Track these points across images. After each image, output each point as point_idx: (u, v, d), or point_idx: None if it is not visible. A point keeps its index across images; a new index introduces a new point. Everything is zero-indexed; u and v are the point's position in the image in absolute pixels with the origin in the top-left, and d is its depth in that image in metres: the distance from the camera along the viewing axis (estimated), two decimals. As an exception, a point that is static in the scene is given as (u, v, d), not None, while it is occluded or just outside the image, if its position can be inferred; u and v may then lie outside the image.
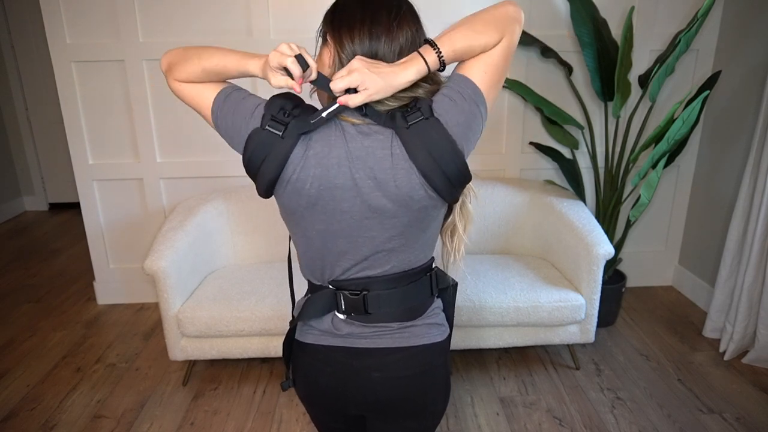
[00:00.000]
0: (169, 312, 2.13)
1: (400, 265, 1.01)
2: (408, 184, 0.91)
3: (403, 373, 1.03)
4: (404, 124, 0.89)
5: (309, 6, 2.56)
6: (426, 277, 1.05)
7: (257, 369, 2.40)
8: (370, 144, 0.91)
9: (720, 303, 2.48)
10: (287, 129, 0.90)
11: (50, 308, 2.99)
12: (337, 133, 0.92)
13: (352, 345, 1.03)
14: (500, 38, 0.93)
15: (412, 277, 1.02)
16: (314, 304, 1.03)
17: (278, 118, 0.91)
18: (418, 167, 0.90)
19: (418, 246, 1.01)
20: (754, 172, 2.27)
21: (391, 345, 1.03)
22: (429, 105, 0.91)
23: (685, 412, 2.07)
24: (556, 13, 2.62)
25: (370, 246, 0.97)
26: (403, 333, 1.03)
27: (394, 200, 0.93)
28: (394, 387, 1.04)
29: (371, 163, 0.91)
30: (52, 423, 2.09)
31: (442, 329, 1.08)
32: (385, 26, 0.92)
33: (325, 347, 1.05)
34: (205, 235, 2.43)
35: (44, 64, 4.37)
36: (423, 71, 0.91)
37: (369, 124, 0.92)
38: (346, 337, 1.03)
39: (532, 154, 2.83)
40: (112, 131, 2.74)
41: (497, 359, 2.43)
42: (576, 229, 2.25)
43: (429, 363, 1.05)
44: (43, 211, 4.75)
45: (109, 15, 2.55)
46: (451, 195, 0.95)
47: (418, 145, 0.89)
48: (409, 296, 1.03)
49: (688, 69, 2.73)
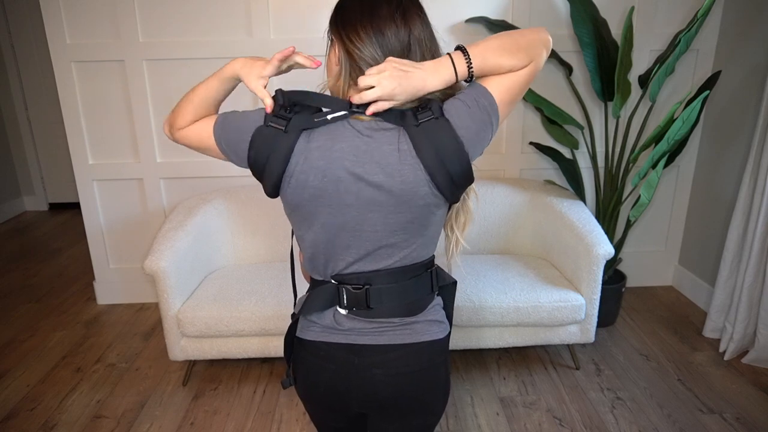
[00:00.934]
0: (169, 312, 2.13)
1: (403, 261, 1.01)
2: (414, 179, 0.92)
3: (404, 370, 1.03)
4: (414, 121, 0.91)
5: (309, 6, 2.57)
6: (426, 274, 1.05)
7: (257, 369, 2.40)
8: (378, 138, 0.93)
9: (720, 303, 2.48)
10: (290, 123, 0.93)
11: (50, 308, 2.99)
12: (343, 126, 0.94)
13: (354, 342, 1.03)
14: (529, 63, 0.94)
15: (413, 273, 1.03)
16: (316, 298, 1.04)
17: (280, 114, 0.94)
18: (424, 164, 0.91)
19: (420, 243, 1.01)
20: (754, 171, 2.27)
21: (393, 341, 1.03)
22: (440, 106, 0.92)
23: (685, 412, 2.07)
24: (556, 13, 2.63)
25: (374, 240, 0.98)
26: (404, 329, 1.03)
27: (398, 195, 0.93)
28: (395, 384, 1.04)
29: (378, 157, 0.92)
30: (52, 423, 2.09)
31: (442, 327, 1.08)
32: (388, 19, 0.92)
33: (327, 344, 1.05)
34: (205, 235, 2.43)
35: (44, 64, 4.38)
36: (451, 80, 0.92)
37: (378, 121, 0.93)
38: (347, 333, 1.03)
39: (532, 154, 2.83)
40: (112, 131, 2.74)
41: (497, 359, 2.43)
42: (576, 229, 2.25)
43: (430, 360, 1.05)
44: (43, 211, 4.75)
45: (109, 15, 2.56)
46: (453, 195, 0.97)
47: (425, 143, 0.90)
48: (410, 292, 1.03)
49: (688, 69, 2.73)
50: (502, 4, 2.60)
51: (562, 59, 2.52)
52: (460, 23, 2.62)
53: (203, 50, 2.60)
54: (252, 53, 2.60)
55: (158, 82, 2.66)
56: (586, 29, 2.39)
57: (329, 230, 0.98)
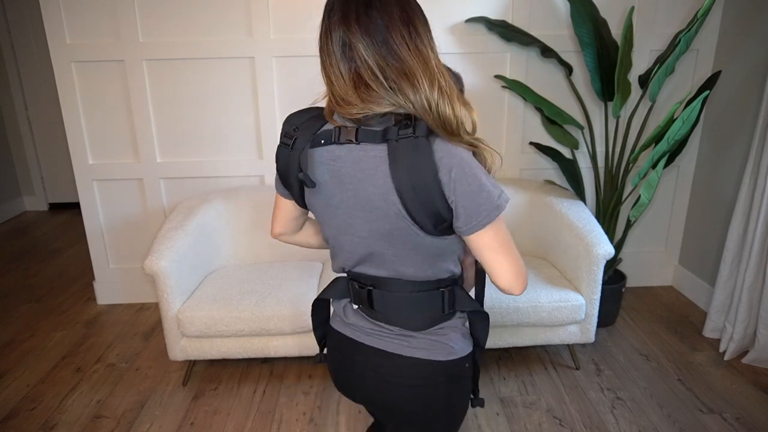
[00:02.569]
0: (169, 312, 2.13)
1: (400, 274, 1.00)
2: (383, 186, 0.91)
3: (394, 381, 1.04)
4: (395, 137, 0.89)
5: (309, 6, 2.56)
6: (437, 292, 1.02)
7: (257, 369, 2.40)
8: (364, 147, 0.93)
9: (720, 303, 2.48)
10: (294, 142, 0.98)
11: (50, 308, 2.99)
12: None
13: (357, 338, 1.07)
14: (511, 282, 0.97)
15: (419, 288, 1.01)
16: (333, 286, 1.11)
17: (289, 134, 0.99)
18: (393, 177, 0.90)
19: (414, 261, 0.99)
20: (754, 172, 2.27)
21: (386, 349, 1.04)
22: (426, 127, 0.89)
23: (685, 412, 2.07)
24: (556, 13, 2.63)
25: (364, 245, 1.00)
26: (401, 341, 1.03)
27: (373, 201, 0.94)
28: (384, 391, 1.06)
29: (363, 165, 0.93)
30: (52, 423, 2.09)
31: (447, 350, 1.03)
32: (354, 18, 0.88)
33: (337, 333, 1.12)
34: (205, 235, 2.43)
35: (44, 64, 4.38)
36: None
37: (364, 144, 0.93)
38: (353, 327, 1.08)
39: (531, 154, 2.83)
40: (112, 131, 2.74)
41: (497, 359, 2.43)
42: (576, 229, 2.25)
43: (426, 378, 1.03)
44: (43, 211, 4.75)
45: (109, 15, 2.56)
46: (425, 225, 0.92)
47: (400, 161, 0.88)
48: (415, 305, 1.02)
49: (688, 69, 2.73)
50: (502, 4, 2.60)
51: (562, 59, 2.52)
52: (460, 23, 2.62)
53: (203, 50, 2.60)
54: (252, 53, 2.61)
55: (158, 82, 2.66)
56: (586, 29, 2.39)
57: (332, 231, 1.04)
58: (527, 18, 2.62)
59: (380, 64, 0.87)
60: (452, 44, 2.64)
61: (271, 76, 2.64)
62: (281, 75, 2.65)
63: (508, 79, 2.58)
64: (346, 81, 0.89)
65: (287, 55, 2.61)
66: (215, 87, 2.68)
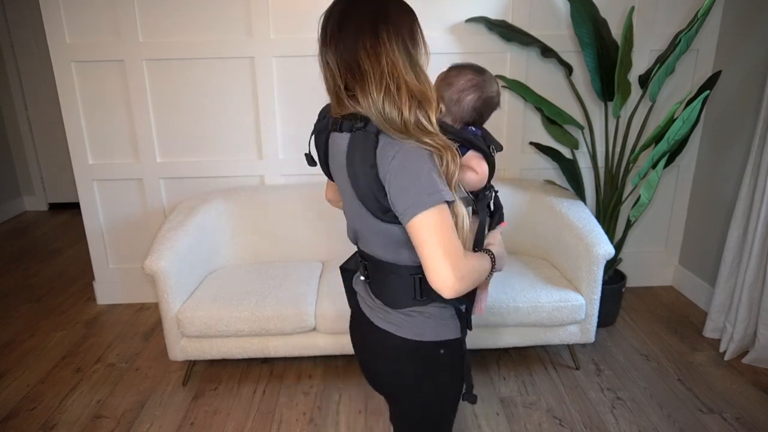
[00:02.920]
0: (169, 312, 2.13)
1: (376, 255, 1.10)
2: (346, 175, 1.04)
3: (374, 350, 1.17)
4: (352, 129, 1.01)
5: (309, 6, 2.56)
6: (409, 278, 1.08)
7: (257, 369, 2.40)
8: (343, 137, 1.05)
9: (720, 303, 2.48)
10: (316, 129, 1.15)
11: (50, 308, 2.99)
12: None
13: (359, 305, 1.21)
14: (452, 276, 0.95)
15: (391, 270, 1.09)
16: (354, 256, 1.25)
17: (316, 123, 1.15)
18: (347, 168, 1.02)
19: (378, 245, 1.08)
20: (754, 172, 2.27)
21: (371, 319, 1.16)
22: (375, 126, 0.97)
23: (685, 412, 2.07)
24: (556, 13, 2.63)
25: (352, 222, 1.14)
26: (380, 314, 1.14)
27: (344, 184, 1.07)
28: (367, 357, 1.22)
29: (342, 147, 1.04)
30: (52, 423, 2.09)
31: (414, 330, 1.10)
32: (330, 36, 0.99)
33: (353, 297, 1.26)
34: (205, 235, 2.43)
35: (44, 64, 4.37)
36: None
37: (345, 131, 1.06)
38: (359, 294, 1.22)
39: (532, 154, 2.83)
40: (112, 131, 2.74)
41: (497, 359, 2.43)
42: (576, 229, 2.25)
43: (394, 349, 1.12)
44: (43, 211, 4.75)
45: (109, 15, 2.55)
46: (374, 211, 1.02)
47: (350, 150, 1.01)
48: (390, 285, 1.11)
49: (688, 69, 2.73)
50: (502, 4, 2.60)
51: (562, 59, 2.52)
52: (460, 23, 2.62)
53: (203, 50, 2.60)
54: (252, 53, 2.61)
55: (158, 82, 2.66)
56: (586, 29, 2.39)
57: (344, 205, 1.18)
58: (527, 18, 2.61)
59: (345, 76, 0.99)
60: (452, 44, 2.64)
61: (271, 76, 2.64)
62: (281, 75, 2.65)
63: (508, 79, 2.58)
64: (329, 90, 1.05)
65: (287, 55, 2.61)
66: (215, 87, 2.67)
